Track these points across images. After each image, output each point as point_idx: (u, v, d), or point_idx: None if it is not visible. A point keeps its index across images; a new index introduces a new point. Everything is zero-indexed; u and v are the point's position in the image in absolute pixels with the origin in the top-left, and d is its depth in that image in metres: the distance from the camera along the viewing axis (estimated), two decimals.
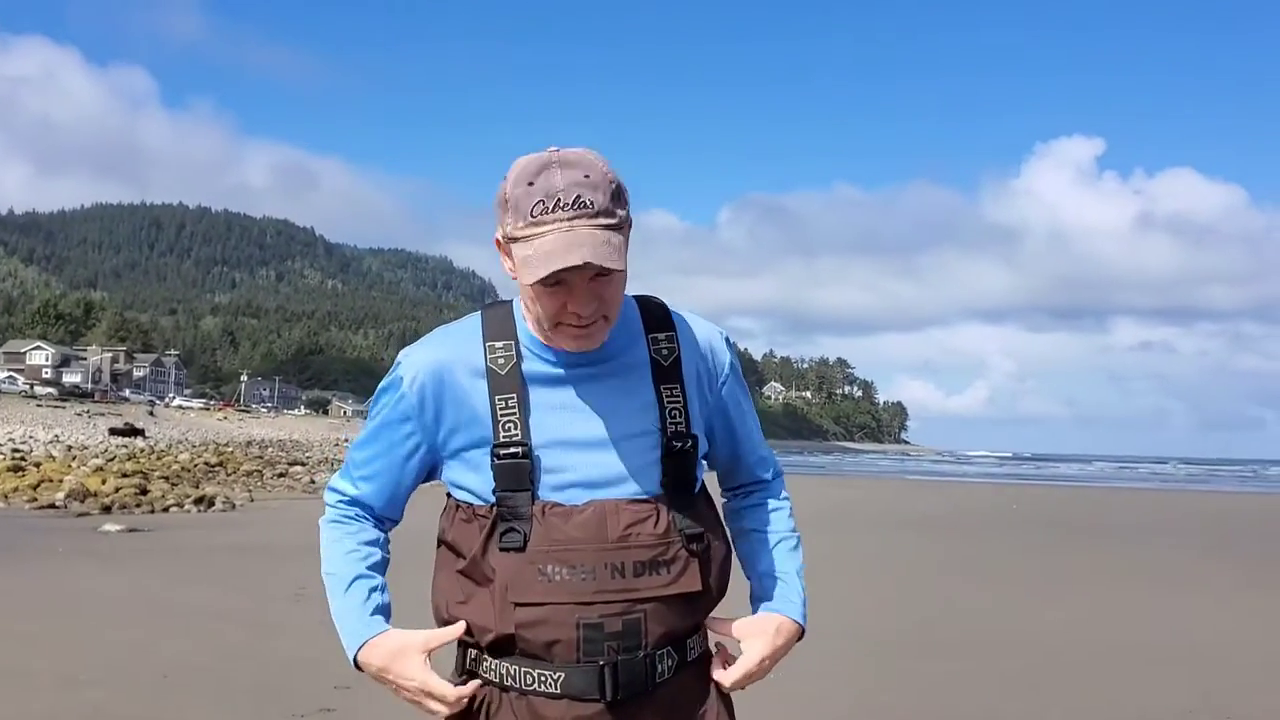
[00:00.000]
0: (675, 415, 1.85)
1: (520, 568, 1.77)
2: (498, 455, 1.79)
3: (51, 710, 5.99)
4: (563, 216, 1.68)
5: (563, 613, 1.75)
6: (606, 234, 1.70)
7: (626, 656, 1.77)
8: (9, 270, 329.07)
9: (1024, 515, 29.88)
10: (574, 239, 1.67)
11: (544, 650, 1.77)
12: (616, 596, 1.76)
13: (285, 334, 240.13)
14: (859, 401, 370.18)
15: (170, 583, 11.48)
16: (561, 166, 1.71)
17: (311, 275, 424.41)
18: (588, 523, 1.77)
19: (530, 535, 1.77)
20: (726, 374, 1.95)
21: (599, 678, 1.76)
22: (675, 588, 1.80)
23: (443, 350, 1.87)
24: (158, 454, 41.48)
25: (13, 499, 22.57)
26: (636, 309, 1.91)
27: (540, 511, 1.77)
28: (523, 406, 1.81)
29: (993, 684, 7.45)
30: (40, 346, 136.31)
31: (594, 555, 1.75)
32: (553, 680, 1.77)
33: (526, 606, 1.76)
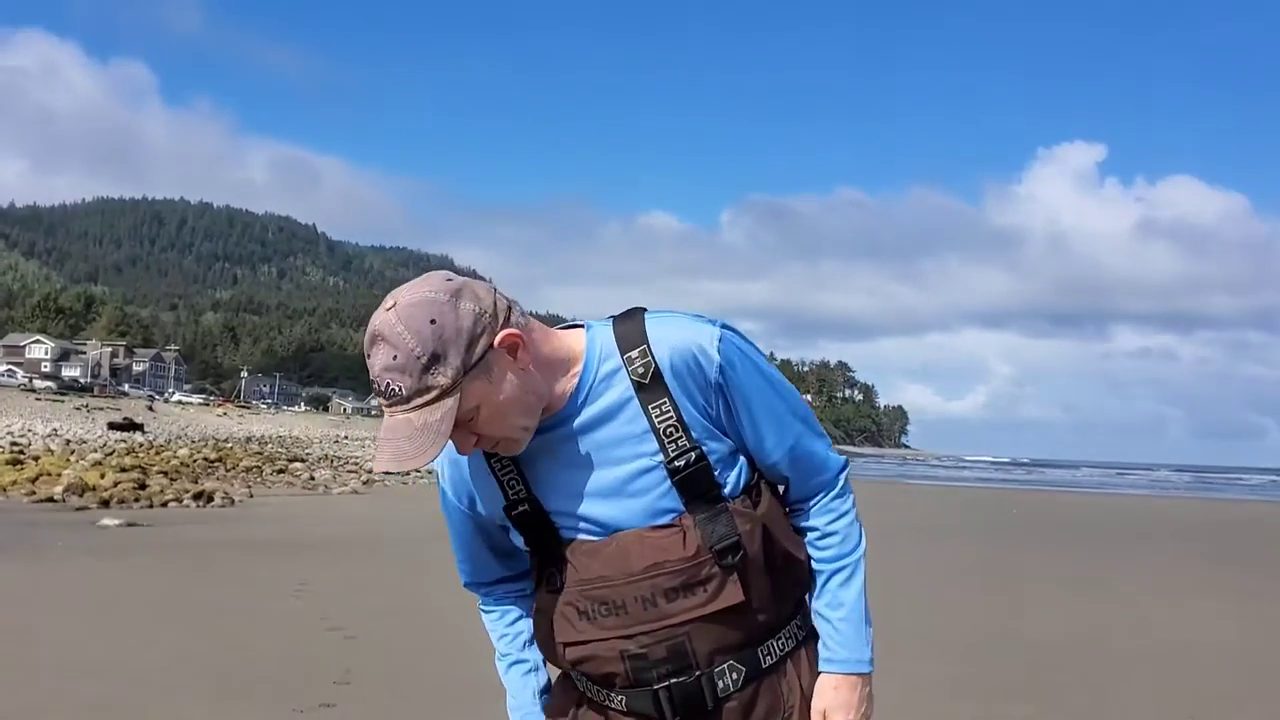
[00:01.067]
0: (671, 433, 1.79)
1: (562, 609, 1.83)
2: (510, 513, 1.86)
3: (51, 703, 5.98)
4: (384, 402, 1.71)
5: (605, 647, 1.79)
6: (419, 418, 1.68)
7: (680, 679, 1.79)
8: (9, 264, 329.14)
9: (1024, 520, 29.88)
10: (388, 431, 1.70)
11: (602, 680, 1.84)
12: (653, 625, 1.77)
13: (286, 331, 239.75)
14: (859, 405, 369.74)
15: (169, 577, 11.47)
16: (375, 344, 1.69)
17: (313, 272, 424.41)
18: (612, 557, 1.78)
19: (564, 577, 1.82)
20: (711, 377, 1.83)
21: (654, 701, 1.80)
22: (713, 606, 1.78)
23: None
24: (157, 449, 41.47)
25: (11, 492, 22.58)
26: (610, 336, 1.85)
27: (569, 552, 1.82)
28: (518, 465, 1.85)
29: (992, 689, 7.44)
30: (40, 340, 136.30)
31: (623, 589, 1.77)
32: (619, 701, 1.84)
33: (572, 646, 1.83)
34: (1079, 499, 50.43)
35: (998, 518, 30.76)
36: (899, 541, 20.68)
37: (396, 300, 1.69)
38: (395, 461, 1.66)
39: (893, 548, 19.13)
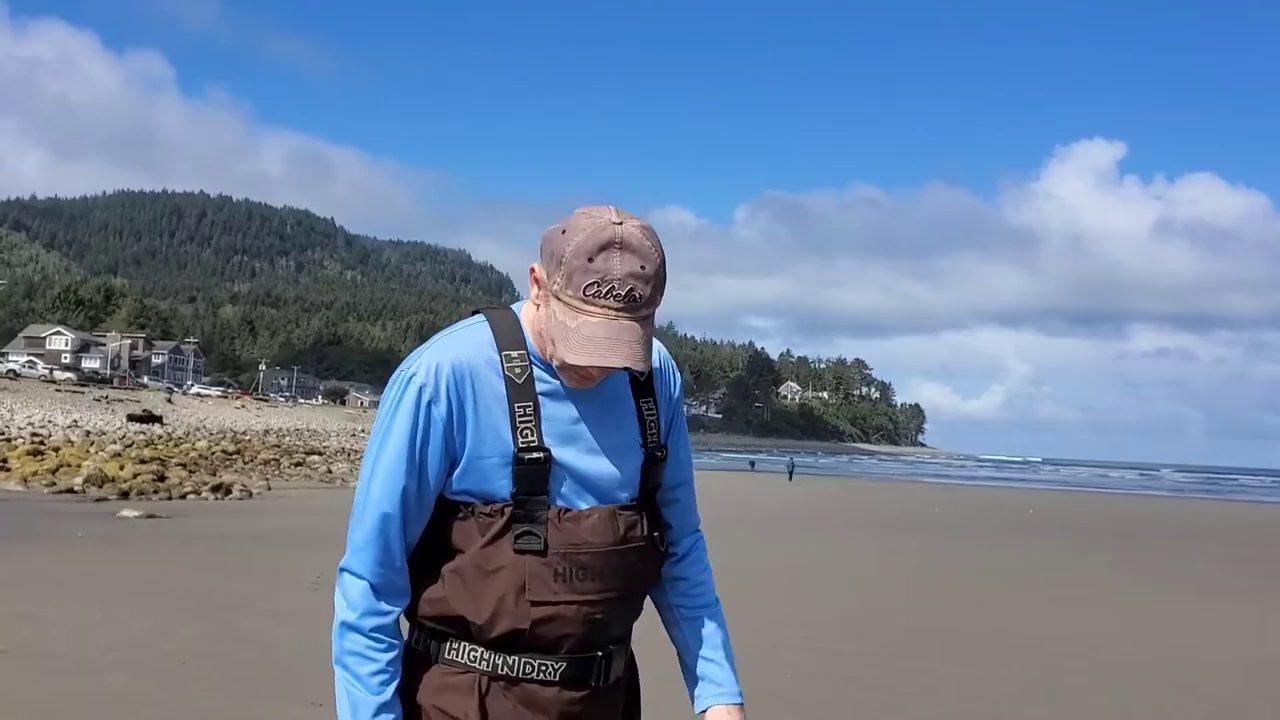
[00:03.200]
0: (652, 427, 1.99)
1: (539, 569, 1.85)
2: (520, 460, 1.86)
3: (72, 693, 6.05)
4: (612, 306, 1.77)
5: (573, 610, 1.87)
6: (645, 331, 1.81)
7: (615, 647, 1.95)
8: (30, 255, 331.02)
9: (1040, 520, 29.81)
10: (617, 333, 1.78)
11: (553, 644, 1.88)
12: (617, 594, 1.91)
13: (304, 324, 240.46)
14: (876, 403, 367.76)
15: (188, 568, 11.56)
16: (622, 251, 1.77)
17: (331, 266, 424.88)
18: (597, 527, 1.89)
19: (548, 539, 1.86)
20: (677, 397, 2.09)
21: (594, 666, 1.92)
22: (653, 582, 2.01)
23: (460, 351, 1.91)
24: (175, 441, 41.71)
25: (32, 483, 22.75)
26: None
27: (556, 516, 1.87)
28: (538, 416, 1.88)
29: (1005, 690, 7.44)
30: (60, 332, 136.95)
31: (602, 557, 1.88)
32: (553, 669, 1.89)
33: (543, 605, 1.86)
34: (1096, 500, 50.25)
35: (1014, 518, 30.69)
36: (916, 541, 20.67)
37: (622, 218, 1.80)
38: (637, 361, 1.78)
39: (910, 547, 19.12)
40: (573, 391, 1.92)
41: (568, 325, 1.79)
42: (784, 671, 7.57)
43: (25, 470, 24.25)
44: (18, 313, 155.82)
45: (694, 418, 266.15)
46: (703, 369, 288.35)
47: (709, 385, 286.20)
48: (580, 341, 1.77)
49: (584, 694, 1.92)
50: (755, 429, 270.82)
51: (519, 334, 1.93)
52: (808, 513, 28.37)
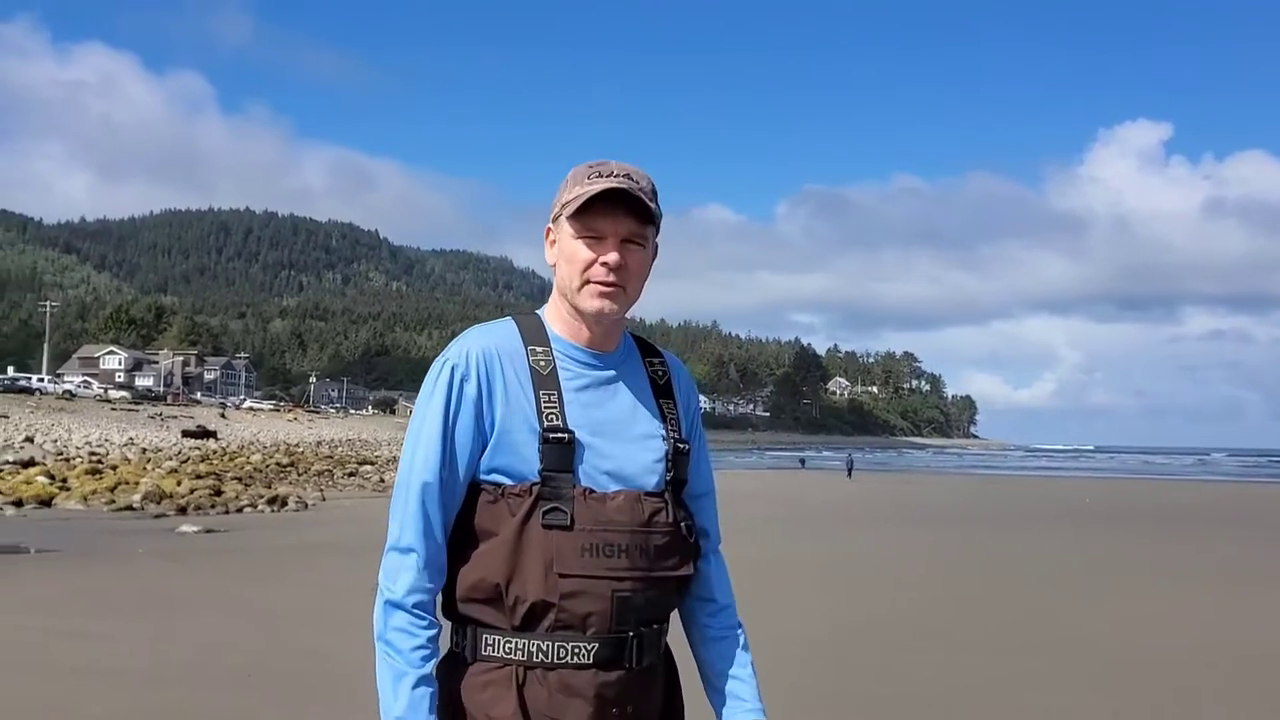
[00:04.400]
0: (673, 424, 2.13)
1: (566, 543, 1.95)
2: (546, 438, 1.98)
3: (137, 708, 6.14)
4: (614, 177, 2.01)
5: (601, 585, 1.95)
6: (647, 200, 2.02)
7: (646, 629, 2.01)
8: (82, 277, 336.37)
9: (1098, 510, 29.45)
10: (617, 186, 2.00)
11: (580, 621, 1.96)
12: (643, 575, 1.99)
13: (352, 335, 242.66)
14: (927, 396, 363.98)
15: (247, 582, 11.69)
16: (619, 166, 2.05)
17: (376, 277, 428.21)
18: (622, 508, 1.99)
19: (575, 515, 1.96)
20: (696, 411, 2.25)
21: (627, 647, 1.98)
22: (681, 571, 2.07)
23: (490, 340, 2.08)
24: (230, 455, 42.24)
25: (92, 501, 23.11)
26: (632, 339, 2.21)
27: (582, 495, 1.98)
28: (561, 403, 2.02)
29: (1067, 682, 7.35)
30: (113, 351, 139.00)
31: (628, 536, 1.98)
32: (586, 651, 1.96)
33: (570, 578, 1.94)
34: (1152, 486, 49.56)
35: (1072, 508, 30.34)
36: (972, 533, 20.48)
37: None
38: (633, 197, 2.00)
39: (966, 540, 18.95)
40: (599, 379, 2.09)
41: (573, 198, 2.01)
42: (853, 666, 7.53)
43: (85, 489, 24.65)
44: (71, 334, 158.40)
45: (741, 416, 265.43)
46: (749, 367, 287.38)
47: (755, 383, 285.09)
48: (583, 195, 1.99)
49: (618, 675, 1.98)
50: (804, 426, 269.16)
51: (543, 333, 2.10)
52: (872, 508, 28.19)
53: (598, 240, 2.03)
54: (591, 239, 2.03)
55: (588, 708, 1.98)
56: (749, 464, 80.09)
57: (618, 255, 2.02)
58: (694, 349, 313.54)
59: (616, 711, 2.00)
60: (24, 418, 50.03)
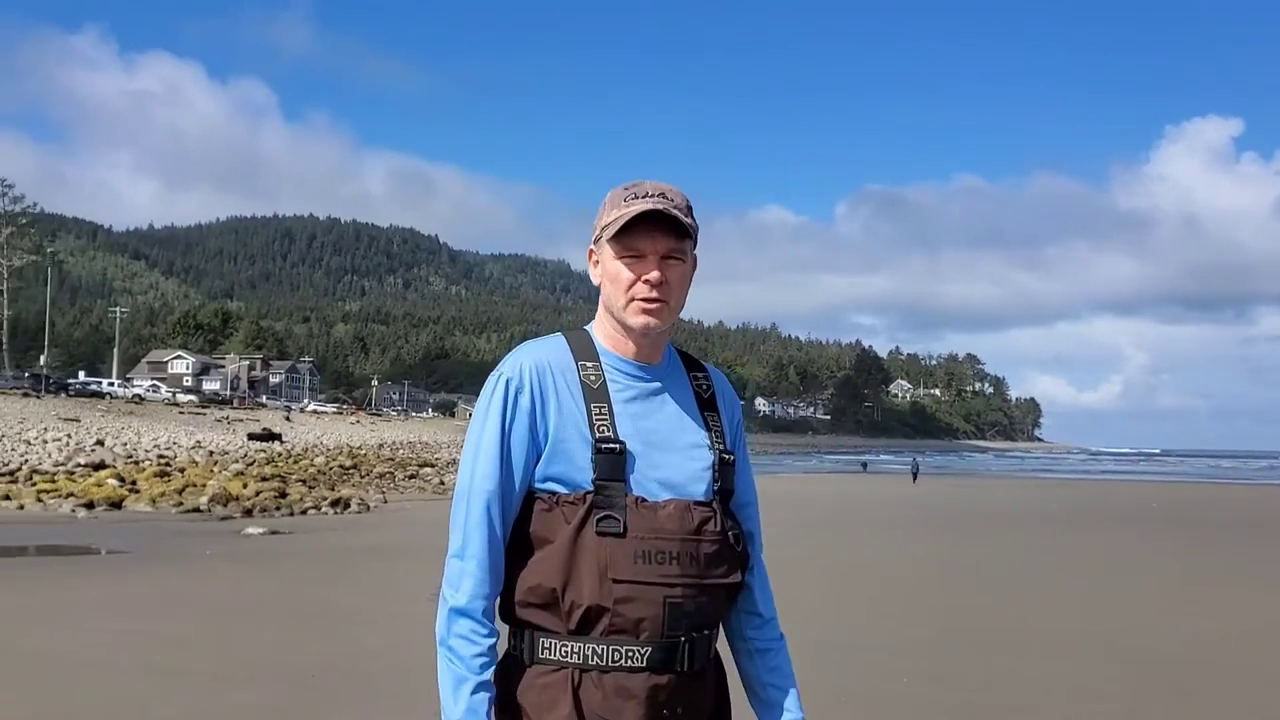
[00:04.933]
0: (718, 435, 2.21)
1: (619, 550, 2.03)
2: (598, 448, 2.07)
3: (204, 708, 6.24)
4: (652, 196, 2.12)
5: (653, 591, 2.03)
6: (683, 217, 2.12)
7: (697, 635, 2.08)
8: (151, 283, 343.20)
9: (1163, 514, 28.92)
10: (654, 208, 2.10)
11: (634, 626, 2.03)
12: (694, 582, 2.06)
13: (413, 339, 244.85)
14: (990, 398, 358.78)
15: (312, 584, 11.84)
16: (653, 186, 2.16)
17: (436, 282, 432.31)
18: (672, 516, 2.07)
19: (628, 523, 2.04)
20: (739, 423, 2.32)
21: (679, 652, 2.06)
22: (729, 579, 2.13)
23: (542, 354, 2.18)
24: (294, 458, 42.81)
25: (160, 503, 23.54)
26: (676, 352, 2.30)
27: (634, 504, 2.05)
28: (612, 415, 2.12)
29: (1137, 688, 7.22)
30: (181, 355, 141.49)
31: (679, 544, 2.05)
32: (640, 655, 2.03)
33: (624, 583, 2.02)
34: (1221, 492, 48.56)
35: (1138, 512, 29.82)
36: (1035, 537, 20.20)
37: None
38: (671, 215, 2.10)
39: (1029, 543, 18.69)
40: (646, 391, 2.18)
41: (613, 220, 2.11)
42: (910, 670, 7.47)
43: (153, 491, 25.11)
44: (140, 339, 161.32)
45: (801, 419, 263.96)
46: (809, 369, 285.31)
47: (816, 386, 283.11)
48: (624, 217, 2.09)
49: (669, 678, 2.05)
50: (865, 429, 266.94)
51: (592, 348, 2.20)
52: (935, 512, 27.93)
53: (639, 259, 2.12)
54: (633, 258, 2.12)
55: (640, 710, 2.04)
56: (808, 468, 79.61)
57: (659, 273, 2.12)
58: (753, 351, 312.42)
59: (668, 714, 2.06)
60: (95, 421, 51.06)
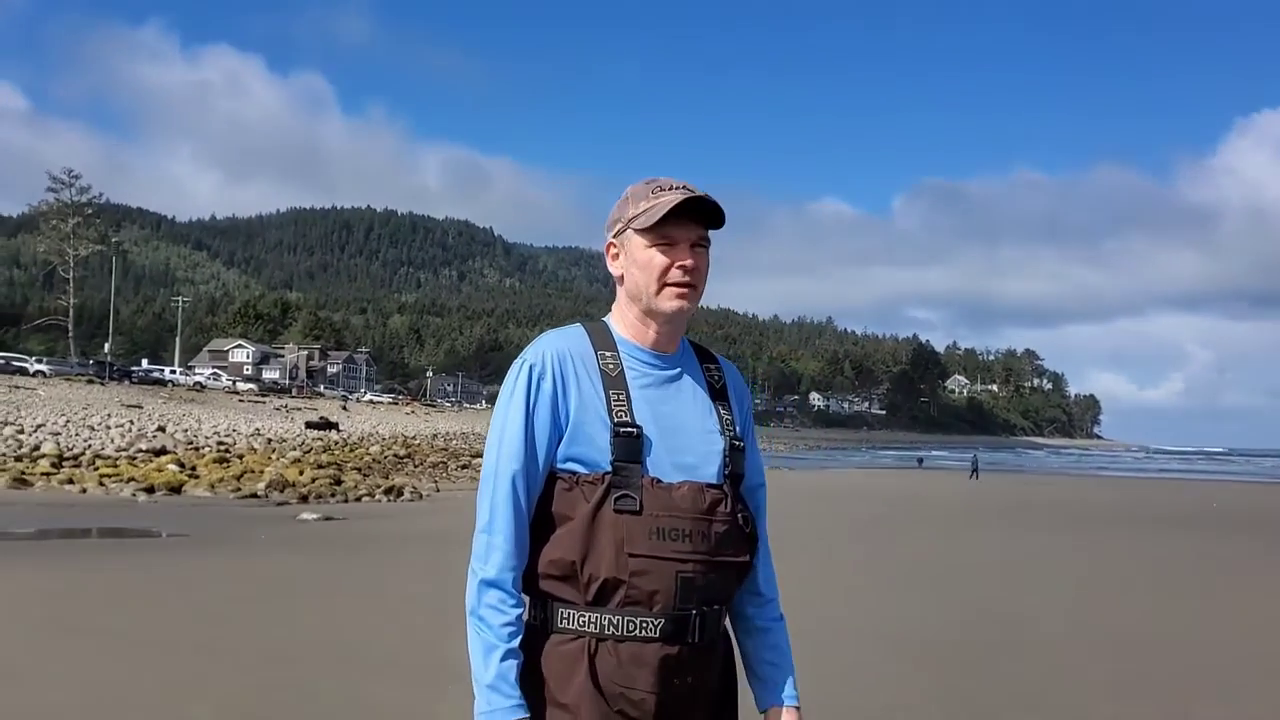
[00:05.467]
0: (729, 423, 2.33)
1: (635, 526, 2.15)
2: (616, 432, 2.20)
3: (259, 685, 6.39)
4: (678, 188, 2.23)
5: (666, 566, 2.16)
6: (718, 205, 2.23)
7: (707, 609, 2.21)
8: (212, 273, 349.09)
9: (1223, 514, 28.46)
10: (692, 196, 2.21)
11: (647, 598, 2.16)
12: (705, 559, 2.18)
13: (467, 331, 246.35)
14: (1049, 395, 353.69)
15: (364, 568, 12.02)
16: (666, 179, 2.27)
17: (490, 274, 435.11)
18: (686, 497, 2.19)
19: (644, 501, 2.17)
20: (749, 411, 2.46)
21: (690, 624, 2.18)
22: (739, 558, 2.26)
23: (562, 343, 2.29)
24: (350, 446, 43.35)
25: (219, 489, 23.97)
26: (688, 343, 2.40)
27: (650, 484, 2.18)
28: (629, 400, 2.24)
29: (1186, 687, 7.16)
30: (241, 345, 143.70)
31: (692, 523, 2.18)
32: (653, 626, 2.16)
33: (639, 557, 2.15)
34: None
35: (1198, 513, 29.37)
36: (1088, 536, 19.98)
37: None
38: (706, 203, 2.21)
39: (1082, 542, 18.50)
40: (662, 379, 2.30)
41: (646, 211, 2.22)
42: (940, 660, 7.46)
43: (212, 477, 25.58)
44: (202, 328, 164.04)
45: (856, 415, 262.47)
46: (864, 364, 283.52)
47: (871, 381, 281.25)
48: (658, 208, 2.19)
49: (680, 649, 2.18)
50: (921, 425, 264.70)
51: (610, 337, 2.32)
52: (994, 508, 27.72)
53: (671, 246, 2.23)
54: (666, 246, 2.23)
55: (652, 677, 2.17)
56: (861, 463, 79.02)
57: (692, 260, 2.24)
58: (808, 345, 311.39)
59: (678, 682, 2.19)
60: (157, 408, 52.03)
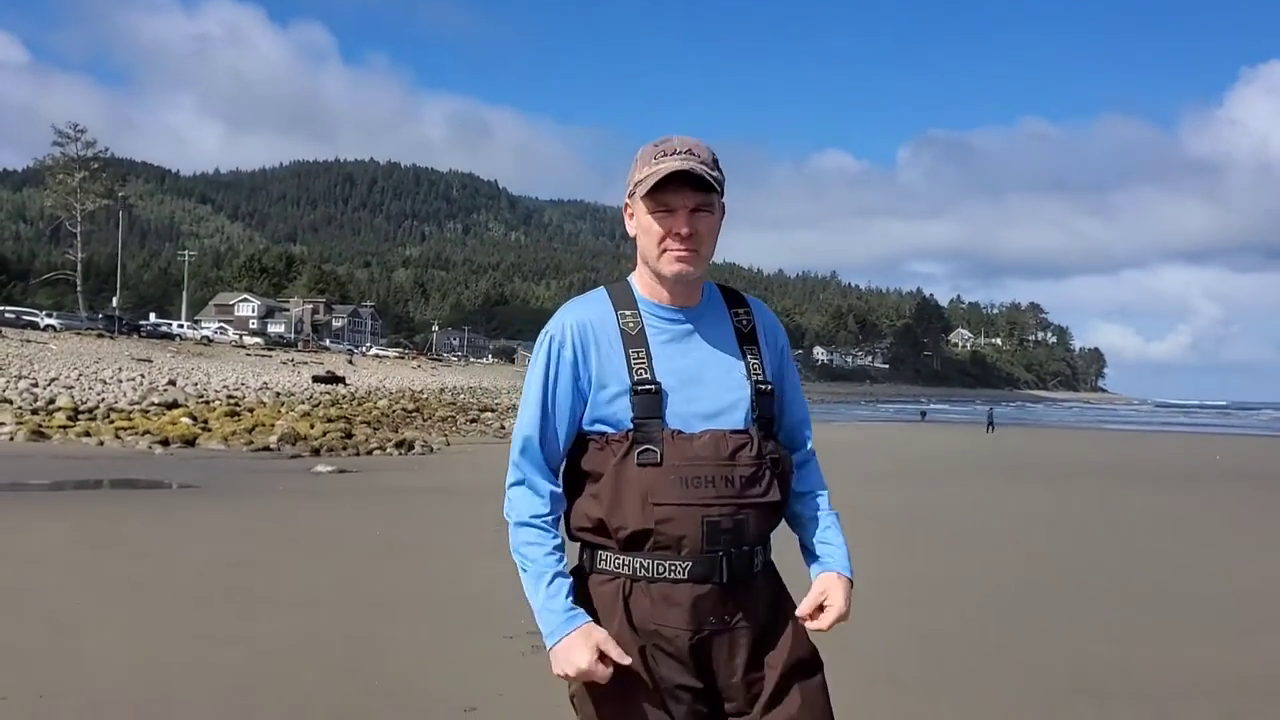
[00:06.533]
0: (756, 369, 2.43)
1: (658, 477, 2.29)
2: (635, 391, 2.33)
3: (287, 629, 6.65)
4: (679, 154, 2.32)
5: (691, 512, 2.29)
6: (709, 172, 2.31)
7: (736, 550, 2.32)
8: (217, 226, 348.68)
9: (1226, 467, 28.70)
10: (683, 163, 2.30)
11: (675, 543, 2.30)
12: (730, 502, 2.31)
13: (472, 285, 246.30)
14: (1053, 348, 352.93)
15: (381, 519, 12.30)
16: (679, 141, 2.36)
17: (495, 228, 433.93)
18: (707, 445, 2.31)
19: (664, 453, 2.30)
20: (781, 346, 2.56)
21: (717, 565, 2.31)
22: (767, 498, 2.36)
23: (583, 312, 2.42)
24: (358, 400, 43.65)
25: (232, 441, 24.26)
26: (718, 291, 2.52)
27: (670, 436, 2.31)
28: (649, 357, 2.36)
29: (1183, 635, 7.40)
30: (247, 299, 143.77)
31: (713, 469, 2.30)
32: (681, 568, 2.31)
33: (663, 506, 2.29)
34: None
35: (1202, 465, 29.62)
36: (1093, 488, 20.24)
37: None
38: (698, 173, 2.29)
39: (1089, 495, 18.76)
40: (683, 332, 2.41)
41: (644, 177, 2.32)
42: (959, 611, 7.71)
43: (225, 430, 25.87)
44: (207, 281, 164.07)
45: (859, 369, 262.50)
46: (868, 318, 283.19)
47: (874, 335, 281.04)
48: (654, 175, 2.29)
49: (710, 589, 2.31)
50: (924, 378, 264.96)
51: (631, 296, 2.45)
52: (1010, 462, 27.97)
53: (669, 213, 2.33)
54: (664, 213, 2.33)
55: (684, 616, 2.31)
56: (863, 417, 79.19)
57: (688, 226, 2.33)
58: (812, 299, 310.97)
59: (714, 619, 2.33)
60: (166, 362, 52.30)
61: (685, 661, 2.33)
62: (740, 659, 2.36)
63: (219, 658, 5.88)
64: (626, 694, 2.32)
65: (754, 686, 2.37)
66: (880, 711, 5.19)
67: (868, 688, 5.49)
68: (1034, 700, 5.56)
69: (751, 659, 2.37)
